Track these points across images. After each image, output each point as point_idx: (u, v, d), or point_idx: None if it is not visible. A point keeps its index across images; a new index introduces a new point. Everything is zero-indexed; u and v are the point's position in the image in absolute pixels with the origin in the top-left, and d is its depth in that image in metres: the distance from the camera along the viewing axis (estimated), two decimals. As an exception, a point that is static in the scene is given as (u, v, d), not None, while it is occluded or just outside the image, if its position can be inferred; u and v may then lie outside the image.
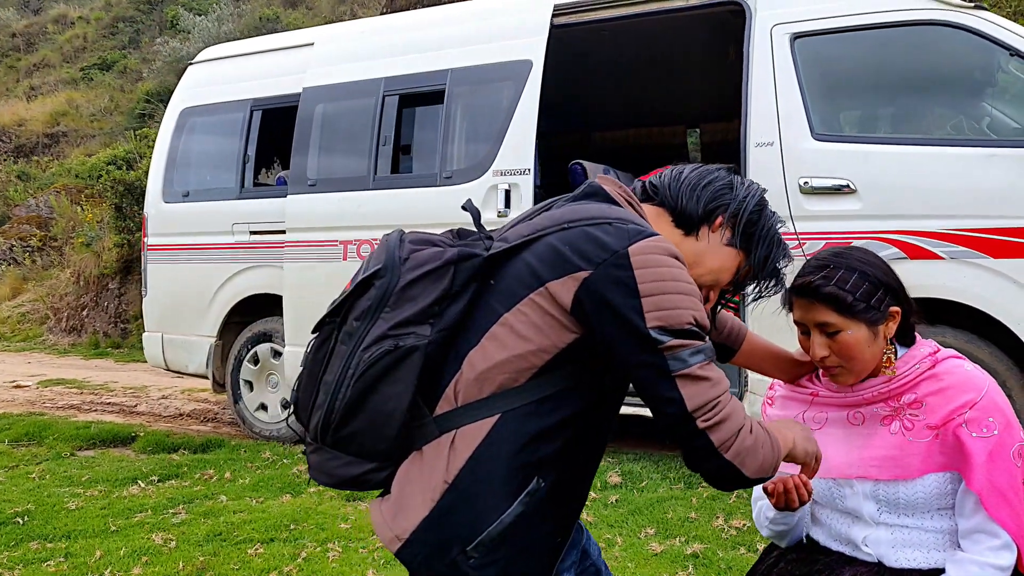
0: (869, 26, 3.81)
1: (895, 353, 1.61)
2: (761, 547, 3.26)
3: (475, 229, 1.40)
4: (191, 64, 6.00)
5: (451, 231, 1.41)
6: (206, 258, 5.46)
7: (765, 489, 1.56)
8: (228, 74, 5.65)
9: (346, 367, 1.26)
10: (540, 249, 1.26)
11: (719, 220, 1.41)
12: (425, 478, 1.26)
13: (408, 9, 11.91)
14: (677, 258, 1.23)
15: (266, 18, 17.73)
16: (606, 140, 6.71)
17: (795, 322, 1.63)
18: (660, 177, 1.47)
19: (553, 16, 4.46)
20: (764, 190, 1.49)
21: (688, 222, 1.41)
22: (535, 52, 4.40)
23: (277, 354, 5.34)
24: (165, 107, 15.53)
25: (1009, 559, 1.49)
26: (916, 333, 1.66)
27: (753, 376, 3.99)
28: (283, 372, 5.31)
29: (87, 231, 11.94)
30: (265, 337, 5.35)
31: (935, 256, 3.56)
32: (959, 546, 1.54)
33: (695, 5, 4.29)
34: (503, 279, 1.29)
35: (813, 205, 3.77)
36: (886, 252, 3.61)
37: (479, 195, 4.44)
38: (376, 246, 1.36)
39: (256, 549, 3.43)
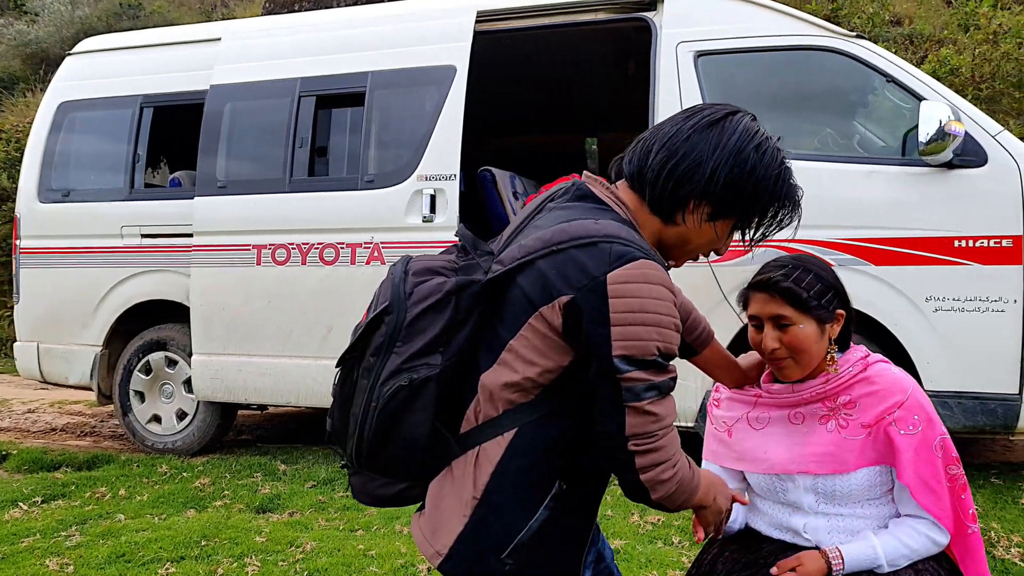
0: (765, 48, 4.09)
1: (836, 352, 1.75)
2: (676, 540, 3.44)
3: (472, 237, 1.46)
4: (69, 55, 5.61)
5: (456, 246, 1.46)
6: (90, 262, 5.13)
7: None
8: (114, 67, 5.32)
9: (368, 400, 1.33)
10: (531, 274, 1.31)
11: (691, 204, 1.36)
12: (456, 494, 1.34)
13: (288, 7, 11.58)
14: (658, 283, 1.25)
15: (127, 4, 16.71)
16: (504, 146, 6.80)
17: (749, 316, 1.75)
18: (630, 160, 1.43)
19: (475, 23, 4.50)
20: (749, 128, 1.38)
21: (664, 211, 1.38)
22: (459, 58, 4.42)
23: (172, 363, 5.10)
24: (10, 94, 14.29)
25: (944, 538, 1.66)
26: (851, 340, 1.82)
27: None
28: (179, 381, 5.09)
29: (-76, 230, 10.87)
30: (159, 345, 5.09)
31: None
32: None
33: (603, 20, 4.46)
34: (504, 304, 1.34)
35: (716, 215, 3.99)
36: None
37: (403, 200, 4.42)
38: (382, 282, 1.41)
39: (166, 569, 3.27)
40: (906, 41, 11.66)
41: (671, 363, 1.29)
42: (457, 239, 1.48)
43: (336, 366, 1.42)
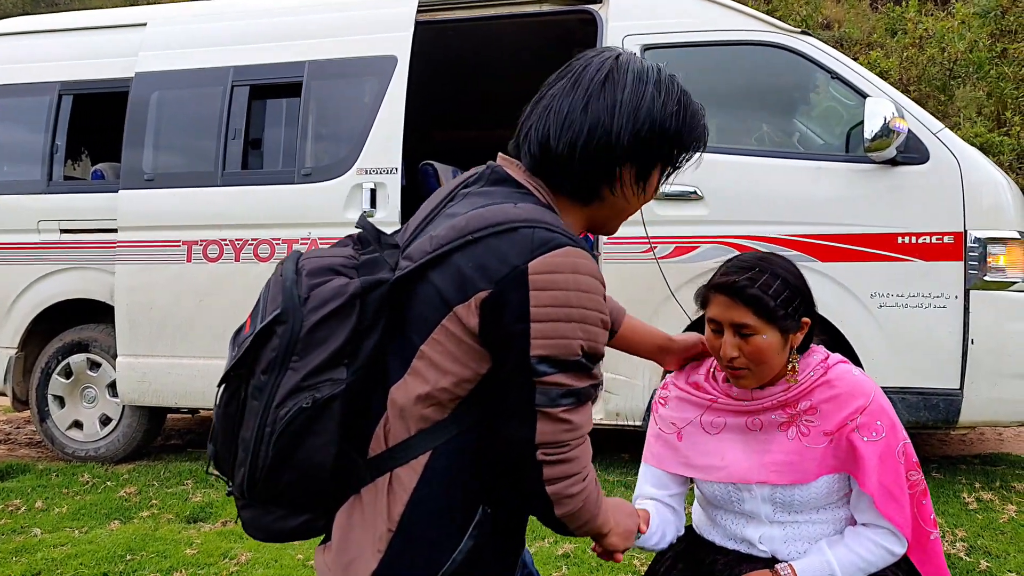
0: (712, 43, 4.07)
1: (797, 362, 1.65)
2: (627, 541, 3.38)
3: (375, 229, 1.29)
4: (-22, 38, 5.27)
5: (351, 238, 1.28)
6: (3, 259, 4.82)
7: None
8: (29, 52, 5.01)
9: (262, 425, 1.14)
10: (445, 269, 1.16)
11: (616, 172, 1.23)
12: (368, 526, 1.18)
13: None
14: (586, 273, 1.14)
15: (46, -13, 16.02)
16: (447, 140, 6.68)
17: (709, 319, 1.63)
18: (529, 153, 1.26)
19: (416, 12, 4.38)
20: (635, 71, 1.24)
21: (586, 196, 1.26)
22: (400, 48, 4.29)
23: (95, 365, 4.83)
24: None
25: (900, 549, 1.59)
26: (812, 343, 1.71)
27: (607, 375, 4.11)
28: (103, 385, 4.83)
29: None
30: (80, 347, 4.81)
31: (773, 260, 3.85)
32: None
33: (548, 11, 4.38)
34: (414, 305, 1.18)
35: (663, 210, 3.95)
36: (729, 256, 3.87)
37: (342, 194, 4.27)
38: (268, 282, 1.23)
39: (88, 586, 3.06)
40: (836, 44, 11.96)
41: (596, 368, 1.16)
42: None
43: (218, 385, 1.23)
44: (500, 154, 1.31)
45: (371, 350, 1.16)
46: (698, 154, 1.33)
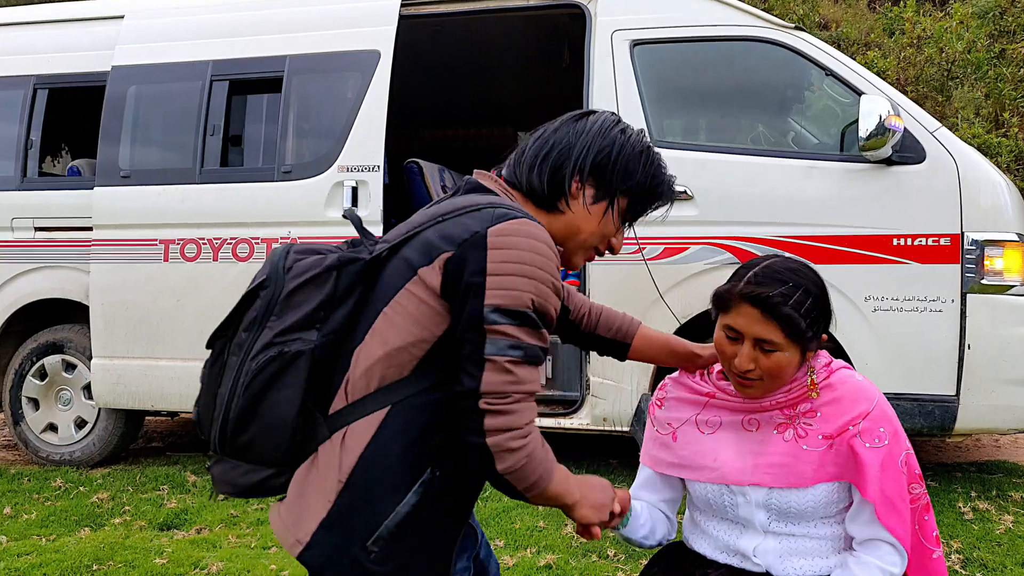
0: (703, 38, 3.96)
1: (815, 374, 1.58)
2: (612, 553, 3.27)
3: (359, 221, 1.46)
4: (-49, 31, 5.16)
5: (349, 241, 1.43)
6: (-25, 257, 4.72)
7: None
8: (3, 44, 4.91)
9: (237, 376, 1.28)
10: (416, 243, 1.31)
11: (574, 186, 1.42)
12: (321, 479, 1.27)
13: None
14: (540, 240, 1.26)
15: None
16: (436, 139, 6.58)
17: (727, 326, 1.54)
18: (508, 164, 1.48)
19: (400, 6, 4.28)
20: (610, 117, 1.47)
21: (545, 201, 1.43)
22: (384, 43, 4.19)
23: (70, 367, 4.72)
24: None
25: (900, 566, 1.52)
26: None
27: (595, 380, 4.01)
28: (79, 387, 4.72)
29: None
30: (55, 348, 4.70)
31: (764, 261, 3.74)
32: (853, 551, 1.56)
33: (535, 5, 4.27)
34: (384, 278, 1.32)
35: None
36: (719, 257, 3.77)
37: (323, 192, 4.16)
38: (264, 259, 1.39)
39: (51, 598, 2.95)
40: (834, 44, 11.86)
41: (545, 332, 1.28)
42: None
43: (207, 347, 1.37)
44: (476, 171, 1.49)
45: (342, 319, 1.31)
46: (658, 199, 1.50)
